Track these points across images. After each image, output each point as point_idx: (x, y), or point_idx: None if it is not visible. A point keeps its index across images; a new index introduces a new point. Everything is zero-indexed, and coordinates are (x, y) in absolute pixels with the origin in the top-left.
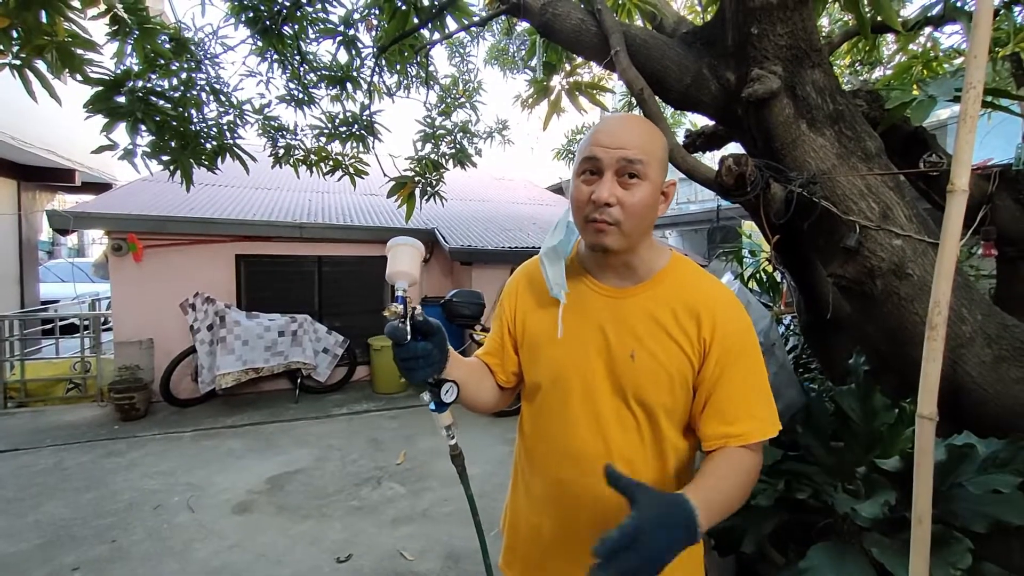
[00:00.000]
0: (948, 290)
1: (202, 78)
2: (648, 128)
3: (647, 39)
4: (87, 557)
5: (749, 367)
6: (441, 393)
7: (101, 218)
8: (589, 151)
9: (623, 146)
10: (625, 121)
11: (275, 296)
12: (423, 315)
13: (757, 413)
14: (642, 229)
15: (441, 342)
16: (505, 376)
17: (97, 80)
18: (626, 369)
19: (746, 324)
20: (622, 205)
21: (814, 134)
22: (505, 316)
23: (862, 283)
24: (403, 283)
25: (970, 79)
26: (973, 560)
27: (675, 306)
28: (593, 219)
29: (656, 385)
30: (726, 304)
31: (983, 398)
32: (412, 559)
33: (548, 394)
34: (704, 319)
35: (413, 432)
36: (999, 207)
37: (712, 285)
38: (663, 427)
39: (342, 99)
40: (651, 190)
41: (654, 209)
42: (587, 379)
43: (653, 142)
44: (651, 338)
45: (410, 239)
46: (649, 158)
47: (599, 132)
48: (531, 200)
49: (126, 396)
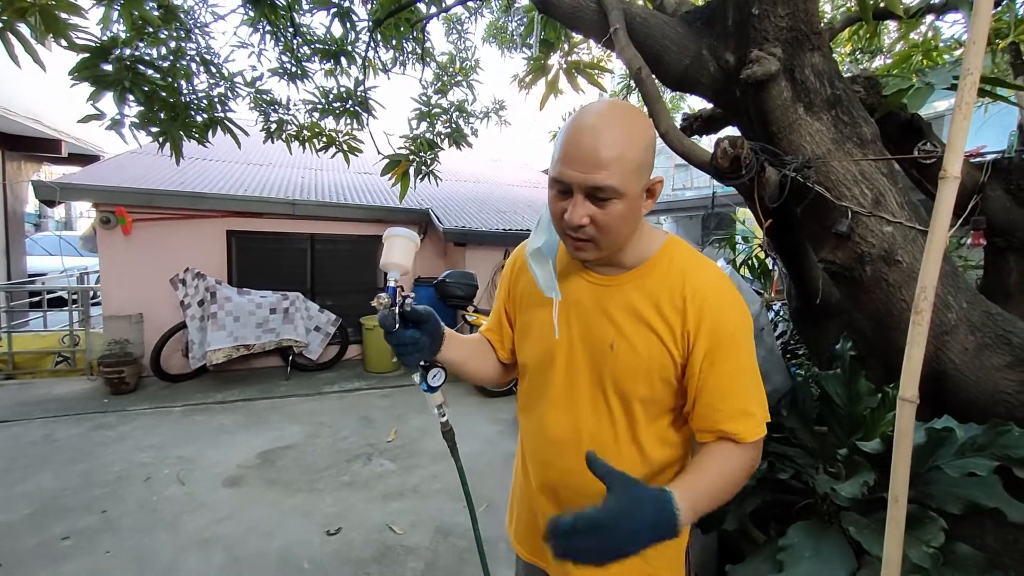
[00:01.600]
0: (935, 275)
1: (192, 48)
2: (624, 133)
3: (647, 17)
4: (77, 527)
5: (741, 362)
6: (428, 377)
7: (89, 190)
8: (558, 171)
9: (592, 169)
10: (596, 131)
11: (267, 273)
12: (411, 305)
13: (750, 409)
14: (622, 238)
15: (432, 330)
16: (504, 353)
17: (83, 46)
18: (606, 359)
19: (739, 316)
20: (596, 225)
21: (811, 118)
22: (503, 293)
23: (852, 269)
24: (395, 273)
25: (967, 65)
26: (947, 540)
27: (660, 297)
28: (568, 235)
29: (634, 377)
30: (717, 295)
31: (964, 384)
32: (401, 533)
33: (534, 375)
34: (690, 311)
35: (404, 411)
36: (990, 197)
37: (704, 274)
38: (639, 418)
39: (336, 74)
40: (628, 203)
41: (635, 217)
42: (570, 365)
43: (631, 149)
44: (632, 329)
45: (406, 231)
46: (624, 175)
47: (568, 145)
48: (527, 183)
49: (116, 370)
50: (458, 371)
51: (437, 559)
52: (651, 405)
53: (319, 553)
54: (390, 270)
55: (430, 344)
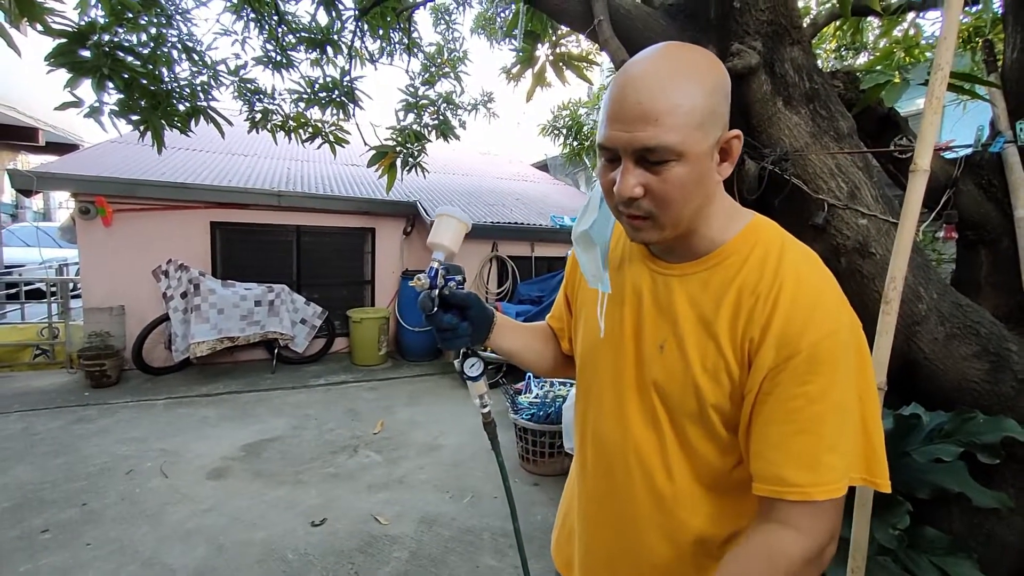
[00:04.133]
0: (904, 266)
1: (174, 34)
2: (680, 77)
3: (631, 9)
4: (57, 520)
5: (826, 391)
6: (464, 367)
7: (67, 179)
8: (603, 136)
9: (638, 125)
10: (644, 79)
11: (252, 265)
12: (452, 289)
13: (822, 459)
14: (690, 212)
15: (475, 316)
16: (567, 343)
17: (59, 31)
18: (652, 360)
19: (831, 328)
20: (652, 195)
21: (790, 112)
22: (567, 280)
23: (828, 261)
24: (439, 254)
25: (938, 61)
26: (914, 523)
27: (727, 292)
28: (621, 212)
29: (680, 387)
30: (804, 294)
31: (934, 373)
32: (386, 523)
33: (584, 369)
34: (758, 312)
35: (391, 403)
36: (962, 192)
37: (793, 266)
38: (689, 434)
39: (322, 63)
40: (693, 166)
41: (703, 183)
42: (617, 362)
43: (689, 96)
44: (688, 329)
45: (460, 212)
46: (683, 129)
47: (612, 101)
48: (516, 176)
49: (96, 363)
50: (514, 361)
51: (421, 548)
52: (702, 422)
53: (303, 543)
54: (435, 251)
55: (470, 331)
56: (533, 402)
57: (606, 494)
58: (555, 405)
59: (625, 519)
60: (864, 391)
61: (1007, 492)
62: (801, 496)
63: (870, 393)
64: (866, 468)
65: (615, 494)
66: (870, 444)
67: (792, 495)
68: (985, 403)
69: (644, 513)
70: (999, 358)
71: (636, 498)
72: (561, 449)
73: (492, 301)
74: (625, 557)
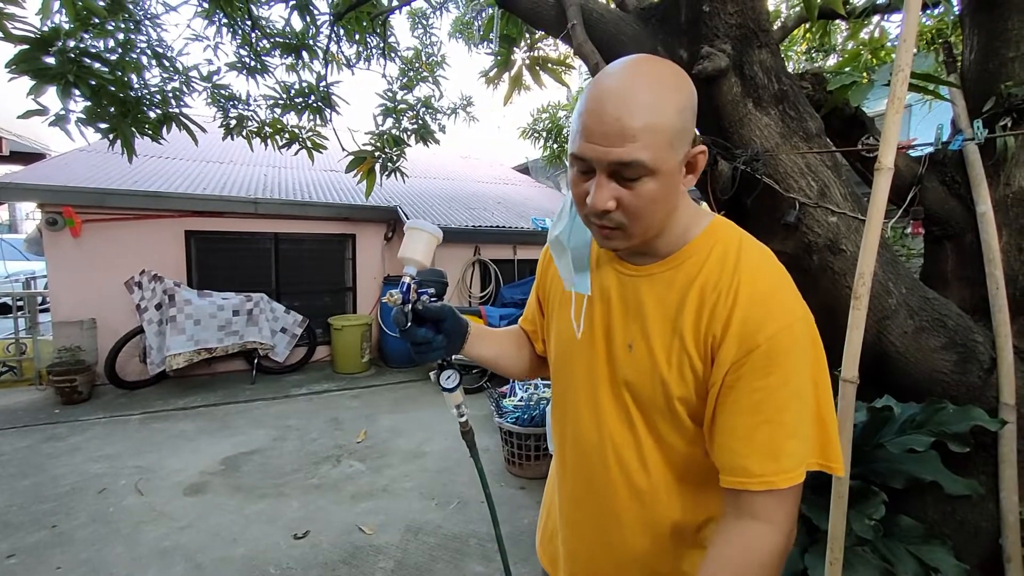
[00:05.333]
0: (872, 262)
1: (143, 40)
2: (653, 94)
3: (604, 14)
4: (24, 544)
5: (786, 382)
6: (441, 379)
7: (33, 190)
8: (577, 147)
9: (615, 141)
10: (619, 95)
11: (229, 274)
12: (425, 303)
13: (783, 447)
14: (656, 223)
15: (449, 328)
16: (540, 345)
17: (20, 38)
18: (622, 360)
19: (787, 322)
20: (624, 208)
21: (760, 113)
22: (537, 282)
23: (800, 258)
24: (411, 268)
25: (899, 62)
26: (890, 512)
27: (690, 290)
28: (593, 222)
29: (650, 384)
30: (761, 292)
31: (904, 365)
32: (371, 533)
33: (558, 372)
34: (720, 308)
35: (374, 411)
36: (927, 188)
37: (750, 264)
38: (660, 429)
39: (297, 68)
40: (663, 180)
41: (671, 196)
42: (590, 362)
43: (662, 114)
44: (656, 328)
45: (431, 225)
46: (656, 146)
47: (586, 114)
48: (497, 179)
49: (67, 379)
50: (490, 367)
51: (407, 557)
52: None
53: (285, 557)
54: (407, 264)
55: (445, 344)
56: (518, 405)
57: (586, 493)
58: (539, 407)
59: (605, 516)
60: (818, 378)
61: (978, 479)
62: (765, 485)
63: (824, 380)
64: (821, 452)
65: (595, 492)
66: (824, 429)
67: (757, 485)
68: (954, 393)
69: (623, 507)
70: (966, 349)
71: (616, 494)
72: (547, 452)
73: (475, 305)
74: (606, 552)
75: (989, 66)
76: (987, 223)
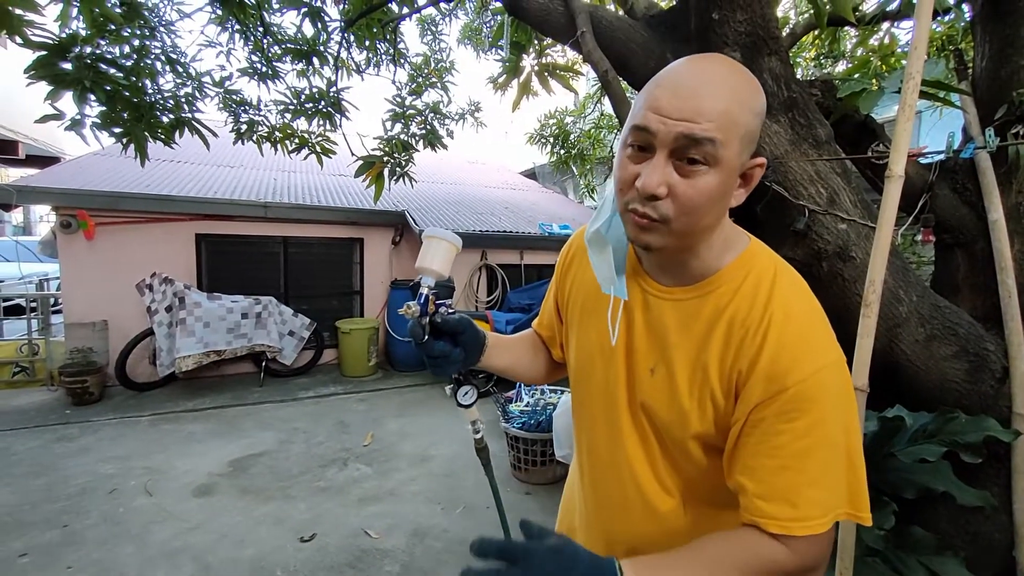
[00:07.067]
0: (883, 269)
1: (157, 46)
2: (734, 87)
3: (613, 21)
4: (37, 543)
5: (811, 429)
6: (458, 396)
7: (48, 193)
8: (642, 116)
9: (691, 116)
10: (704, 73)
11: (238, 277)
12: (443, 315)
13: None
14: (702, 227)
15: (467, 341)
16: (557, 350)
17: (39, 44)
18: (644, 383)
19: (817, 366)
20: (675, 198)
21: (769, 120)
22: (556, 286)
23: (810, 265)
24: (428, 280)
25: (910, 69)
26: (901, 523)
27: (718, 322)
28: (634, 209)
29: (668, 412)
30: (793, 331)
31: (915, 374)
32: (377, 537)
33: (578, 383)
34: (747, 346)
35: (381, 415)
36: (938, 195)
37: (781, 302)
38: (675, 455)
39: (308, 74)
40: (722, 178)
41: (724, 201)
42: (609, 379)
43: (741, 108)
44: (678, 356)
45: (450, 234)
46: (728, 134)
47: (661, 87)
48: (504, 184)
49: (78, 380)
50: (505, 375)
51: (413, 561)
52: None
53: (293, 560)
54: (423, 276)
55: (463, 357)
56: (524, 410)
57: (602, 503)
58: (546, 413)
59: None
60: (849, 425)
61: (991, 490)
62: (781, 529)
63: (854, 426)
64: (850, 502)
65: (610, 507)
66: (855, 478)
67: (774, 527)
68: (966, 403)
69: (637, 520)
70: (978, 358)
71: (629, 510)
72: (553, 457)
73: (482, 310)
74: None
75: (1001, 73)
76: (999, 231)
